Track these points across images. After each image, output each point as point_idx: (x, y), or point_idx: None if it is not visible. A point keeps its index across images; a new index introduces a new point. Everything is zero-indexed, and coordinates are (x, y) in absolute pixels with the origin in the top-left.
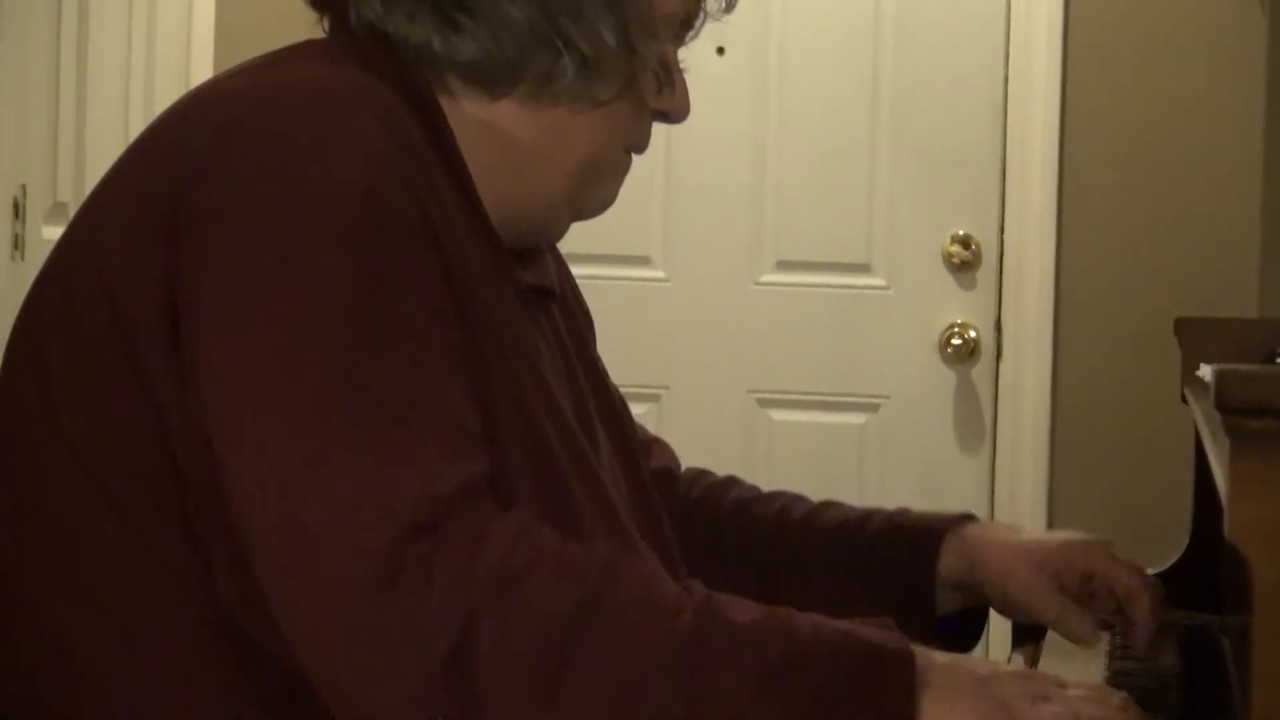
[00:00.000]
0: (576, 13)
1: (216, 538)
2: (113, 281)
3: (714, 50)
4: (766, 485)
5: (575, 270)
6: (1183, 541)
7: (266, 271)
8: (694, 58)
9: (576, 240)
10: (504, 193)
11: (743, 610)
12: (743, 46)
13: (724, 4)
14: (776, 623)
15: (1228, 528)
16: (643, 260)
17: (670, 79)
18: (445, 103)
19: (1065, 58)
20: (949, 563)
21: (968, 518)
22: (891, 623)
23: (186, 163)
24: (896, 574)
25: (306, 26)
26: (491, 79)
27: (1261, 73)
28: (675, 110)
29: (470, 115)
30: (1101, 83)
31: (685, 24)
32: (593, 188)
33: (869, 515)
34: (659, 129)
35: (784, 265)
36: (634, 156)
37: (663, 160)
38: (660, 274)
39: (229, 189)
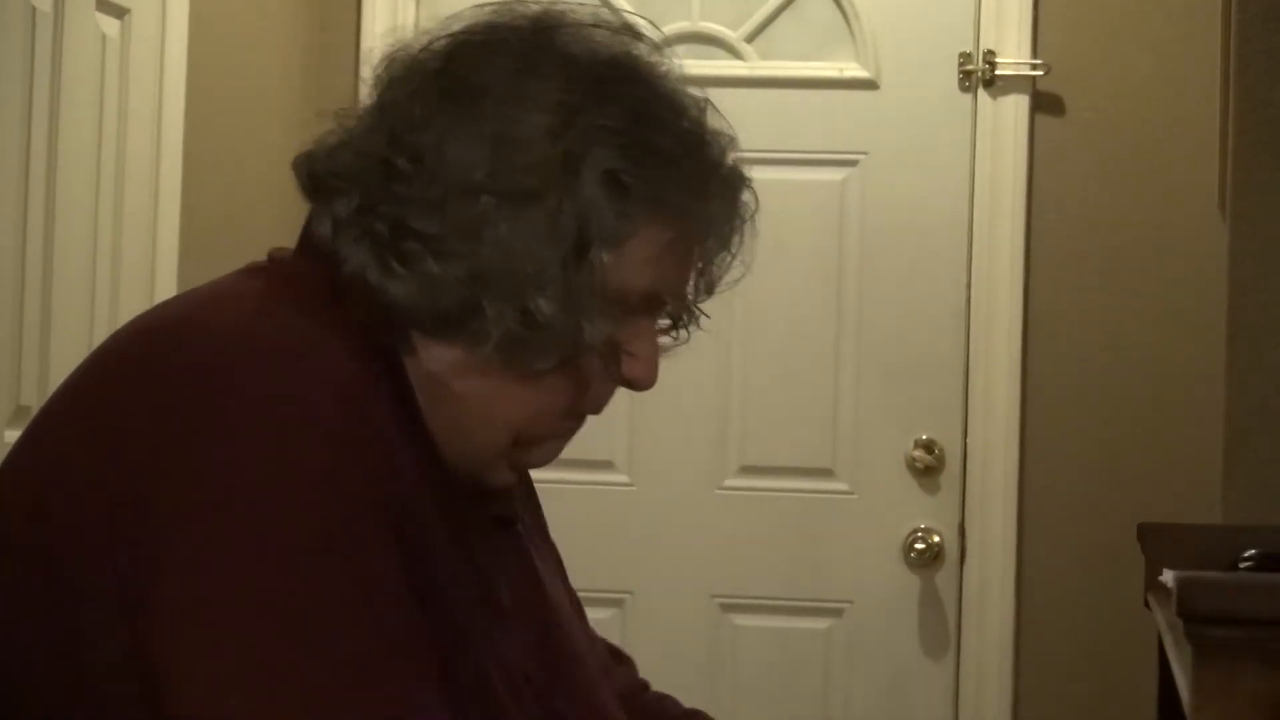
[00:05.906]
0: (507, 284)
1: None
2: (57, 553)
3: None
4: (731, 691)
5: (538, 474)
6: None
7: (230, 573)
8: None
9: None
10: (447, 438)
11: None
12: None
13: (705, 286)
14: None
15: None
16: (606, 465)
17: (615, 357)
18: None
19: (1028, 263)
20: None
21: None
22: None
23: (135, 445)
24: None
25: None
26: (421, 326)
27: (1223, 277)
28: (637, 381)
29: (419, 355)
30: (1064, 288)
31: (652, 299)
32: (531, 448)
33: None
34: None
35: (748, 470)
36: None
37: None
38: (624, 478)
39: (179, 482)
